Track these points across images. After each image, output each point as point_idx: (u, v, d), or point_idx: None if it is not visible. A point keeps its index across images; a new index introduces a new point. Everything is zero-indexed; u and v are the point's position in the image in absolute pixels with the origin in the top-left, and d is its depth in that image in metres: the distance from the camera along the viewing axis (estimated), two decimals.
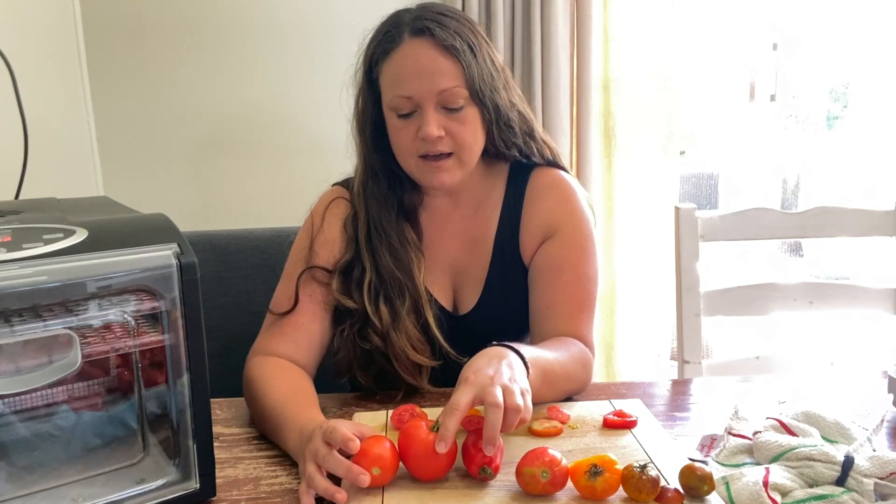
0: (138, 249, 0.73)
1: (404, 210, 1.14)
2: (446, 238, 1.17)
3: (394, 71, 1.06)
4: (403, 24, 1.07)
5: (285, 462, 0.90)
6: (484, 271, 1.15)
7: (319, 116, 2.24)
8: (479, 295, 1.14)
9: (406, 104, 1.05)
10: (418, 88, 1.03)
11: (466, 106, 1.06)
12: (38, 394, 0.75)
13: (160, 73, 2.20)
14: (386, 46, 1.07)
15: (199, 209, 2.25)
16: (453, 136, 1.06)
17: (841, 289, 1.48)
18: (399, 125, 1.07)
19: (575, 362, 1.04)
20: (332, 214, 1.16)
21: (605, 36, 2.22)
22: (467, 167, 1.10)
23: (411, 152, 1.07)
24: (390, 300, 1.08)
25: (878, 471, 0.76)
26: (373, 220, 1.11)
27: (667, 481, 0.78)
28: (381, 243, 1.10)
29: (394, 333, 1.07)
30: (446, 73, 1.04)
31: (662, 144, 2.38)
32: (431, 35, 1.04)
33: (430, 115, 1.04)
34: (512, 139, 1.13)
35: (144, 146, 2.23)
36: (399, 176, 1.13)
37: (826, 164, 2.91)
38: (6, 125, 1.10)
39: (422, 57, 1.04)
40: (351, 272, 1.11)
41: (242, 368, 1.08)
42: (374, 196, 1.12)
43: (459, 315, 1.15)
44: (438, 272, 1.16)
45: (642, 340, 2.39)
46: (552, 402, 1.01)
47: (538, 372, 0.92)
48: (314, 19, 2.21)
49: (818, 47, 2.74)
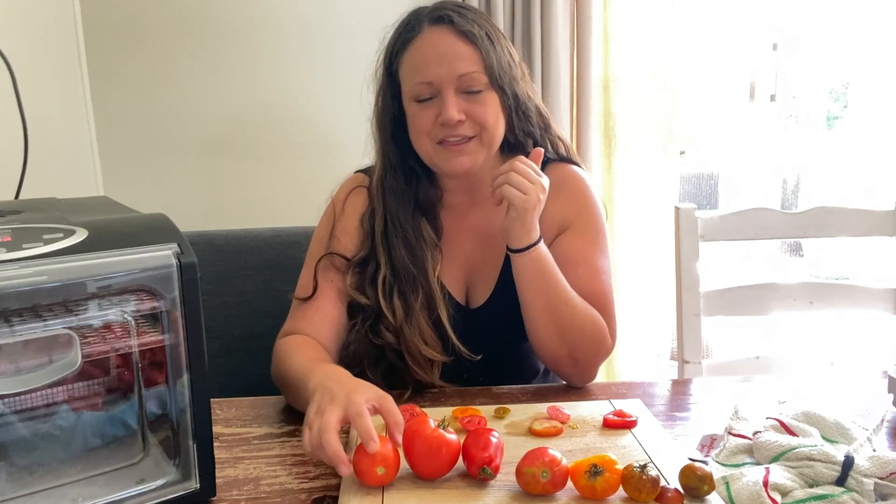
0: (138, 249, 0.73)
1: (421, 206, 1.15)
2: (463, 235, 1.18)
3: (413, 59, 1.08)
4: (422, 16, 1.09)
5: (285, 462, 0.90)
6: (498, 266, 1.15)
7: (320, 116, 2.24)
8: (492, 289, 1.15)
9: (426, 90, 1.06)
10: (437, 73, 1.05)
11: (486, 90, 1.07)
12: (38, 394, 0.75)
13: (160, 72, 2.20)
14: (405, 37, 1.09)
15: (200, 209, 2.25)
16: (475, 118, 1.07)
17: (841, 289, 1.48)
18: (418, 111, 1.08)
19: (588, 313, 1.06)
20: (352, 204, 1.18)
21: (605, 36, 2.22)
22: (489, 149, 1.10)
23: (430, 137, 1.08)
24: (404, 294, 1.09)
25: (878, 471, 0.76)
26: (390, 214, 1.13)
27: (667, 481, 0.78)
28: (397, 237, 1.11)
29: (406, 328, 1.08)
30: (466, 58, 1.06)
31: (662, 144, 2.38)
32: (450, 22, 1.07)
33: (449, 99, 1.05)
34: (529, 129, 1.15)
35: (144, 146, 2.23)
36: (416, 171, 1.15)
37: (826, 164, 2.91)
38: (6, 125, 1.09)
39: (441, 42, 1.06)
40: (365, 268, 1.12)
41: (242, 368, 1.08)
42: (392, 190, 1.14)
43: (472, 308, 1.16)
44: (454, 268, 1.16)
45: (642, 340, 2.39)
46: (543, 315, 1.05)
47: (542, 259, 1.01)
48: (314, 18, 2.21)
49: (818, 47, 2.74)
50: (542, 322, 1.06)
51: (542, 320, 1.06)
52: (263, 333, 1.34)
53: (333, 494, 0.82)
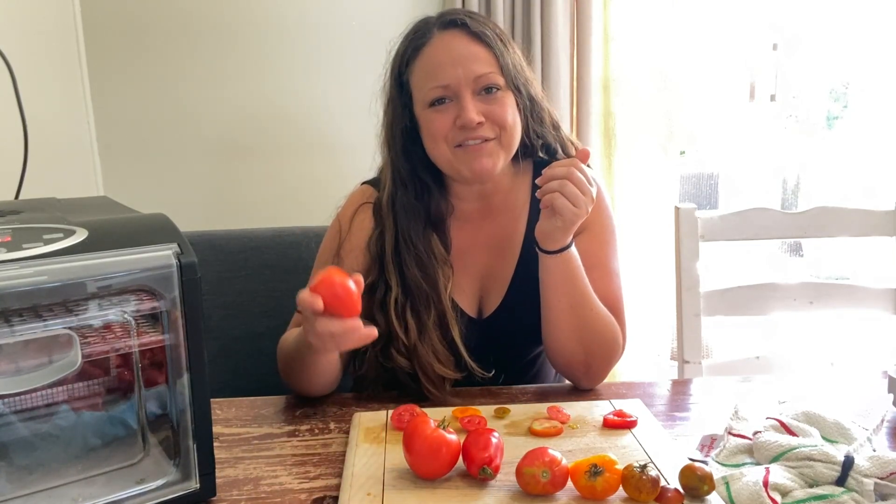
0: (138, 249, 0.73)
1: (432, 221, 1.13)
2: (476, 245, 1.16)
3: (427, 64, 1.06)
4: (431, 23, 1.08)
5: (285, 462, 0.90)
6: (510, 273, 1.14)
7: (320, 117, 2.24)
8: (502, 297, 1.14)
9: (442, 93, 1.05)
10: (454, 75, 1.04)
11: (503, 91, 1.06)
12: (38, 394, 0.75)
13: (160, 72, 2.20)
14: (416, 44, 1.08)
15: (199, 209, 2.25)
16: (494, 119, 1.05)
17: (841, 289, 1.48)
18: (434, 116, 1.06)
19: (608, 317, 1.06)
20: (359, 222, 1.15)
21: (605, 36, 2.22)
22: (508, 150, 1.09)
23: (448, 142, 1.06)
24: (417, 312, 1.07)
25: (878, 471, 0.76)
26: (401, 232, 1.10)
27: (667, 481, 0.78)
28: (409, 255, 1.09)
29: (420, 346, 1.06)
30: (481, 59, 1.05)
31: (662, 144, 2.38)
32: (463, 25, 1.06)
33: (468, 101, 1.04)
34: (542, 131, 1.14)
35: (144, 146, 2.23)
36: (427, 184, 1.12)
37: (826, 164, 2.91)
38: (6, 125, 1.09)
39: (455, 45, 1.05)
40: (374, 293, 1.10)
41: (242, 368, 1.08)
42: (403, 207, 1.11)
43: (483, 319, 1.15)
44: (467, 279, 1.15)
45: (642, 340, 2.39)
46: (563, 320, 1.04)
47: (573, 261, 1.01)
48: (314, 19, 2.21)
49: (818, 47, 2.74)
50: (563, 324, 1.05)
51: (564, 322, 1.05)
52: (263, 333, 1.35)
53: (333, 494, 0.82)
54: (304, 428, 1.00)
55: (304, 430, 0.99)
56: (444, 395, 1.07)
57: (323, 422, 1.02)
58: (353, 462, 0.85)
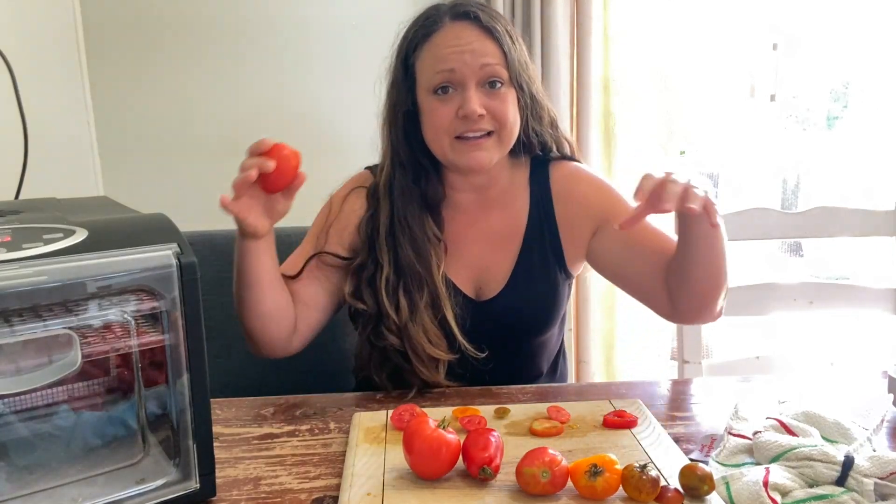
0: (138, 249, 0.73)
1: (428, 204, 1.15)
2: (472, 235, 1.17)
3: (435, 50, 1.08)
4: (443, 11, 1.10)
5: (285, 462, 0.90)
6: (510, 266, 1.15)
7: (320, 117, 2.24)
8: (502, 286, 1.14)
9: (448, 78, 1.06)
10: (460, 62, 1.05)
11: (506, 87, 1.08)
12: (38, 394, 0.75)
13: (160, 73, 2.20)
14: (427, 30, 1.09)
15: (199, 209, 2.24)
16: (494, 114, 1.07)
17: (841, 289, 1.49)
18: (437, 105, 1.07)
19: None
20: (349, 204, 1.18)
21: (605, 36, 2.22)
22: (505, 147, 1.11)
23: (448, 132, 1.08)
24: (409, 293, 1.09)
25: (878, 471, 0.76)
26: (397, 213, 1.12)
27: (667, 481, 0.78)
28: (404, 236, 1.11)
29: (411, 326, 1.07)
30: (489, 51, 1.06)
31: (662, 144, 2.38)
32: (475, 17, 1.07)
33: (471, 92, 1.05)
34: (540, 129, 1.16)
35: (144, 146, 2.23)
36: (425, 168, 1.14)
37: (826, 164, 2.91)
38: (6, 125, 1.09)
39: (465, 34, 1.07)
40: (361, 273, 1.11)
41: (242, 368, 1.08)
42: (400, 189, 1.13)
43: (481, 301, 1.15)
44: (462, 267, 1.16)
45: (642, 340, 2.39)
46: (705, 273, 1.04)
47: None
48: (314, 19, 2.21)
49: (818, 47, 2.74)
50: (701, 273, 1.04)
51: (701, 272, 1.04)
52: None
53: (333, 494, 0.82)
54: (304, 428, 1.00)
55: (304, 430, 0.99)
56: (436, 376, 1.08)
57: (323, 422, 1.02)
58: (353, 462, 0.85)
